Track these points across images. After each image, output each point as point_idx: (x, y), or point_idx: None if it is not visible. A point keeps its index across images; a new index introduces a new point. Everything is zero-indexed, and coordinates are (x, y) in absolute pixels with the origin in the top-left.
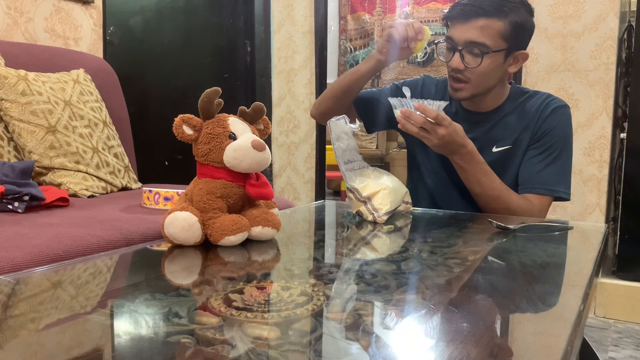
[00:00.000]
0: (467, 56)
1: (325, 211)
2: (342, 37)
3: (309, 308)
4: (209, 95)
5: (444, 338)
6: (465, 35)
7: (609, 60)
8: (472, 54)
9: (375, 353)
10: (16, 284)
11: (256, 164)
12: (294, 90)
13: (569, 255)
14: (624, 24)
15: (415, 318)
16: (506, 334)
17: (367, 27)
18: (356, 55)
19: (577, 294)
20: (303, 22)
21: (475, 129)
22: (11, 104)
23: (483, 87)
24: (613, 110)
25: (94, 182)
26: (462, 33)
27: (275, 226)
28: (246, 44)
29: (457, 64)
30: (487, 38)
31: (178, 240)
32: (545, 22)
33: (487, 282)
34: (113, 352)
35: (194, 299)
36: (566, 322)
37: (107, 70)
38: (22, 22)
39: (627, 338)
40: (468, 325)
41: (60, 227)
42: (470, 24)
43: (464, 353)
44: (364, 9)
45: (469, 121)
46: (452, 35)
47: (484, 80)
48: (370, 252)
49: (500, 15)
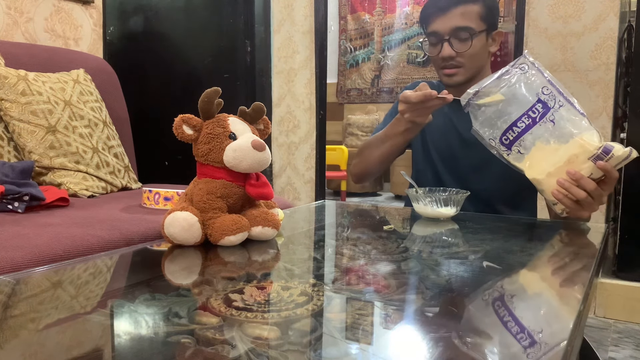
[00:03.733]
0: (455, 43)
1: (325, 211)
2: (342, 37)
3: (309, 308)
4: (209, 95)
5: (444, 338)
6: (449, 24)
7: (609, 60)
8: (459, 39)
9: (375, 353)
10: (16, 284)
11: (256, 164)
12: (294, 90)
13: (569, 255)
14: (624, 24)
15: (415, 318)
16: (506, 334)
17: (367, 27)
18: (356, 55)
19: (577, 294)
20: (303, 22)
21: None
22: (11, 104)
23: (475, 69)
24: (613, 110)
25: (94, 182)
26: (444, 23)
27: (275, 226)
28: (246, 44)
29: (448, 52)
30: (470, 21)
31: (178, 240)
32: (545, 22)
33: (487, 281)
34: (113, 352)
35: (194, 299)
36: (566, 322)
37: (107, 70)
38: (22, 22)
39: (627, 338)
40: (467, 325)
41: (60, 227)
42: (450, 14)
43: (464, 353)
44: (364, 9)
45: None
46: (435, 29)
47: (475, 61)
48: (370, 252)
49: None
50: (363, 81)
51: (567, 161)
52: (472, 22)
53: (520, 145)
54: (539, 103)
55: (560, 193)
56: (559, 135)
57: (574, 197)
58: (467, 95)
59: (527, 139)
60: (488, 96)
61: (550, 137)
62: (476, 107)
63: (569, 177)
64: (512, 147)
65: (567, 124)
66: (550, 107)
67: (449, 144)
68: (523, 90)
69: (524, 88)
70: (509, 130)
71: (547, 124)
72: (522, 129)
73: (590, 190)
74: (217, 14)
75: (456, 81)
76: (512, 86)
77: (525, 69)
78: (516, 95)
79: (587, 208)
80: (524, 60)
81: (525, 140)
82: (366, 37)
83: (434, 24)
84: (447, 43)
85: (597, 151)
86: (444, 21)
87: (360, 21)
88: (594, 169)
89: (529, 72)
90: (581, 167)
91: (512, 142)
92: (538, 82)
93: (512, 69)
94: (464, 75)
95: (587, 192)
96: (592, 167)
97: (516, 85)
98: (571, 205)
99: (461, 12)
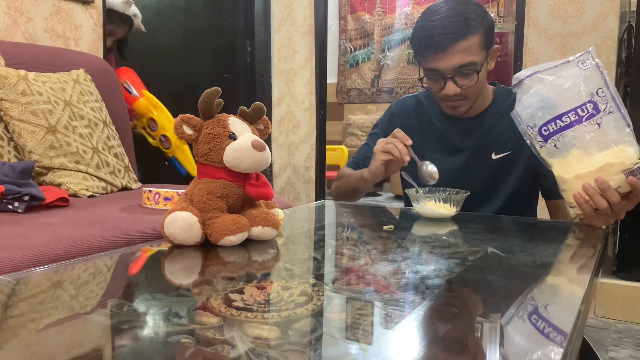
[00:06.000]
0: (460, 79)
1: (325, 211)
2: (342, 37)
3: (309, 308)
4: (209, 95)
5: (444, 338)
6: (451, 63)
7: (609, 60)
8: (463, 76)
9: (375, 353)
10: (16, 284)
11: (256, 164)
12: (294, 90)
13: (569, 255)
14: (624, 24)
15: (415, 318)
16: (506, 334)
17: (367, 27)
18: (356, 55)
19: (577, 294)
20: (303, 22)
21: (470, 136)
22: (11, 104)
23: (477, 96)
24: None
25: (94, 182)
26: (446, 62)
27: (275, 226)
28: (246, 44)
29: (453, 90)
30: (473, 56)
31: (178, 240)
32: (545, 22)
33: (487, 281)
34: (113, 352)
35: (194, 299)
36: (566, 322)
37: (107, 70)
38: (22, 22)
39: (627, 338)
40: (467, 324)
41: (60, 227)
42: (451, 51)
43: (464, 353)
44: (364, 9)
45: (461, 129)
46: (435, 67)
47: (479, 90)
48: (370, 252)
49: (474, 30)
50: (363, 81)
51: (599, 168)
52: (475, 56)
53: (559, 141)
54: (591, 103)
55: (582, 198)
56: (599, 140)
57: (594, 205)
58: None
59: (568, 136)
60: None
61: (591, 140)
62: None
63: (596, 185)
64: (548, 140)
65: (612, 132)
66: (601, 110)
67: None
68: (578, 87)
69: (580, 84)
70: (552, 122)
71: (593, 125)
72: (566, 124)
73: (613, 203)
74: (217, 14)
75: (461, 112)
76: (569, 79)
77: (587, 66)
78: (570, 89)
79: (603, 219)
80: (588, 56)
81: (565, 136)
82: (366, 37)
83: (433, 61)
84: (450, 81)
85: (634, 167)
86: (446, 60)
87: (360, 21)
88: (623, 182)
89: (589, 70)
90: (612, 178)
91: (551, 134)
92: (595, 82)
93: (574, 61)
94: (469, 105)
95: (609, 203)
96: (623, 180)
97: (573, 80)
98: (589, 212)
99: (463, 48)
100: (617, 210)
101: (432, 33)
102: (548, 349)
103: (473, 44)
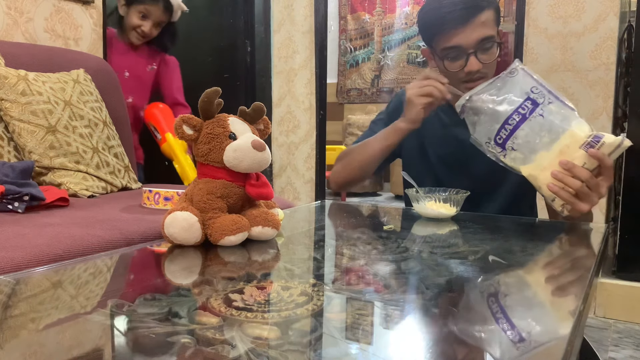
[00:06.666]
0: (481, 54)
1: (325, 211)
2: (342, 37)
3: (309, 308)
4: (209, 95)
5: (444, 338)
6: (473, 37)
7: (608, 60)
8: (484, 50)
9: (375, 353)
10: (16, 284)
11: (256, 164)
12: (294, 90)
13: (569, 255)
14: (624, 24)
15: (415, 318)
16: (506, 334)
17: (367, 27)
18: (356, 55)
19: (577, 294)
20: (303, 22)
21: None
22: (11, 104)
23: (493, 74)
24: (613, 110)
25: (94, 182)
26: (467, 36)
27: (275, 226)
28: (246, 44)
29: (476, 65)
30: (491, 29)
31: (178, 240)
32: (545, 22)
33: (487, 281)
34: (113, 352)
35: (194, 299)
36: (566, 322)
37: (107, 70)
38: (22, 22)
39: (627, 338)
40: (467, 324)
41: (60, 227)
42: (472, 24)
43: (464, 353)
44: (364, 9)
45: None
46: (457, 44)
47: (495, 67)
48: (370, 252)
49: (488, 4)
50: (363, 81)
51: (559, 152)
52: (492, 29)
53: (514, 142)
54: (528, 100)
55: (555, 186)
56: (550, 129)
57: (570, 189)
58: (460, 102)
59: (520, 136)
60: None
61: (541, 131)
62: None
63: (561, 168)
64: (505, 146)
65: (557, 117)
66: (540, 104)
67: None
68: (513, 91)
69: (513, 89)
70: (502, 129)
71: (537, 118)
72: (514, 126)
73: (585, 179)
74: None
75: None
76: (502, 89)
77: (515, 74)
78: (506, 97)
79: (586, 200)
80: (515, 66)
81: (517, 137)
82: (366, 37)
83: (453, 38)
84: (473, 57)
85: (588, 139)
86: (467, 34)
87: (360, 21)
88: (586, 158)
89: (518, 76)
90: (573, 157)
91: (505, 140)
92: (527, 82)
93: (502, 76)
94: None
95: (582, 181)
96: (585, 155)
97: (506, 88)
98: (568, 198)
99: (483, 20)
100: (594, 186)
101: (450, 10)
102: (548, 349)
103: (490, 17)
